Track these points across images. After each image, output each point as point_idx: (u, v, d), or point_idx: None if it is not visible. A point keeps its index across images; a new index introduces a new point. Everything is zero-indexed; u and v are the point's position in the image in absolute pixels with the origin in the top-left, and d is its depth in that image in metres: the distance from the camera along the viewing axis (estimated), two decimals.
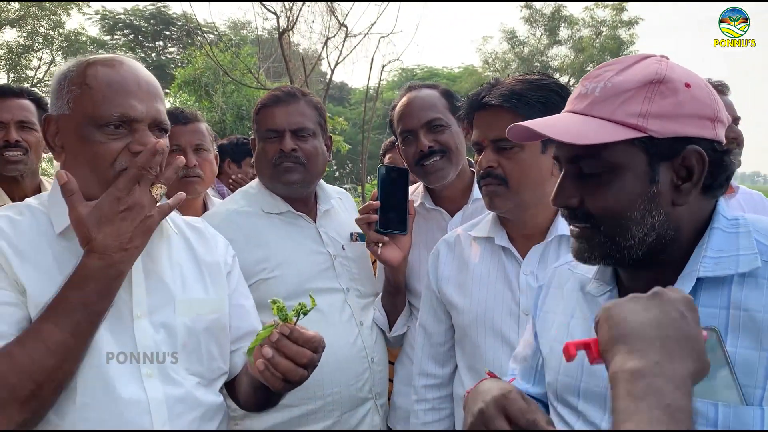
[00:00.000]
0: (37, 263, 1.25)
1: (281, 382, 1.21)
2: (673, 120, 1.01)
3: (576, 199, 1.09)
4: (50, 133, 1.36)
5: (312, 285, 2.00)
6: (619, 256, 1.08)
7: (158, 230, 1.43)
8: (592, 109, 1.05)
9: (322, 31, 9.78)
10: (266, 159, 2.07)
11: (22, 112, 2.55)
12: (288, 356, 1.19)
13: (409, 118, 2.14)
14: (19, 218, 1.31)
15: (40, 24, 25.47)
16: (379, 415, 2.14)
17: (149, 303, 1.34)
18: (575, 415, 1.18)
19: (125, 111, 1.30)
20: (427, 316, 1.95)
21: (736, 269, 1.01)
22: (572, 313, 1.26)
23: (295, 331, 1.20)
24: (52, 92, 1.37)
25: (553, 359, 1.26)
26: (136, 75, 1.35)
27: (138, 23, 32.02)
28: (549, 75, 1.80)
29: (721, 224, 1.07)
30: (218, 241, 1.60)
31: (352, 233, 2.22)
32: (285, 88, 2.17)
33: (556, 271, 1.38)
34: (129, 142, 1.30)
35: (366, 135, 9.63)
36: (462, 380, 1.83)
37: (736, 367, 0.95)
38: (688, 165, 1.03)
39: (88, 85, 1.31)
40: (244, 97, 16.27)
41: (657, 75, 1.03)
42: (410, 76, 32.83)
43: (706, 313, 1.00)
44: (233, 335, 1.52)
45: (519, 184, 1.68)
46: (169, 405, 1.30)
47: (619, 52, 29.37)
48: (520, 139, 1.16)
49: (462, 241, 1.89)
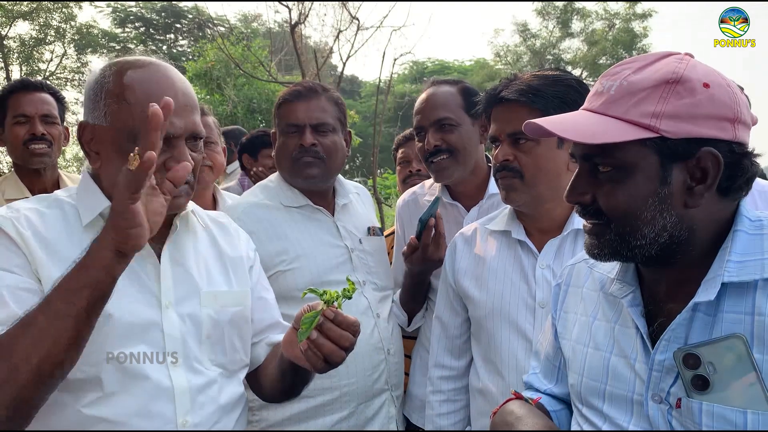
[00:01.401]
0: (61, 255, 1.27)
1: (323, 363, 1.24)
2: (687, 121, 0.99)
3: (588, 196, 1.09)
4: (85, 139, 1.38)
5: (329, 277, 2.02)
6: (630, 255, 1.07)
7: (185, 224, 1.47)
8: (607, 108, 1.05)
9: (334, 24, 9.75)
10: (286, 153, 2.10)
11: (45, 105, 2.60)
12: (331, 339, 1.22)
13: (421, 116, 2.20)
14: (47, 211, 1.34)
15: (52, 17, 25.55)
16: (395, 406, 2.17)
17: (176, 294, 1.37)
18: (601, 418, 1.17)
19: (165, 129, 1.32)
20: (443, 308, 1.97)
21: (762, 274, 0.98)
22: (595, 314, 1.25)
23: (339, 315, 1.23)
24: (87, 100, 1.37)
25: (576, 361, 1.25)
26: (174, 88, 1.35)
27: (149, 16, 32.10)
28: (566, 70, 1.81)
29: (744, 226, 1.05)
30: (241, 235, 1.64)
31: (370, 227, 2.25)
32: (306, 84, 2.19)
33: (573, 268, 1.37)
34: (167, 158, 1.31)
35: (377, 128, 9.59)
36: (478, 372, 1.85)
37: (763, 374, 0.94)
38: (702, 166, 1.01)
39: (126, 100, 1.31)
40: (255, 90, 16.27)
41: (674, 74, 1.01)
42: (421, 69, 32.72)
43: (730, 319, 0.99)
44: (255, 328, 1.55)
45: (534, 178, 1.70)
46: (192, 394, 1.33)
47: (632, 45, 29.11)
48: (536, 134, 1.16)
49: (479, 235, 1.91)
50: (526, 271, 1.76)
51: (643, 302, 1.14)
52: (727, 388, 0.97)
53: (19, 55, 25.59)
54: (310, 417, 2.00)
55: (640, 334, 1.10)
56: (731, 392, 0.97)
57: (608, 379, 1.16)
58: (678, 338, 1.04)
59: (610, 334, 1.18)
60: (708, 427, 0.99)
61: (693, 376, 1.00)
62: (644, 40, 29.82)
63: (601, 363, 1.18)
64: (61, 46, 26.83)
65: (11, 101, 2.59)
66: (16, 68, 25.99)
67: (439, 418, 1.93)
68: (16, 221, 1.28)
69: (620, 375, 1.13)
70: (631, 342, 1.13)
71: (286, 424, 1.98)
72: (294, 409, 1.98)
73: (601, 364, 1.18)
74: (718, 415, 0.98)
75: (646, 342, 1.09)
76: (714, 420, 0.98)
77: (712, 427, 0.98)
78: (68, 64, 27.67)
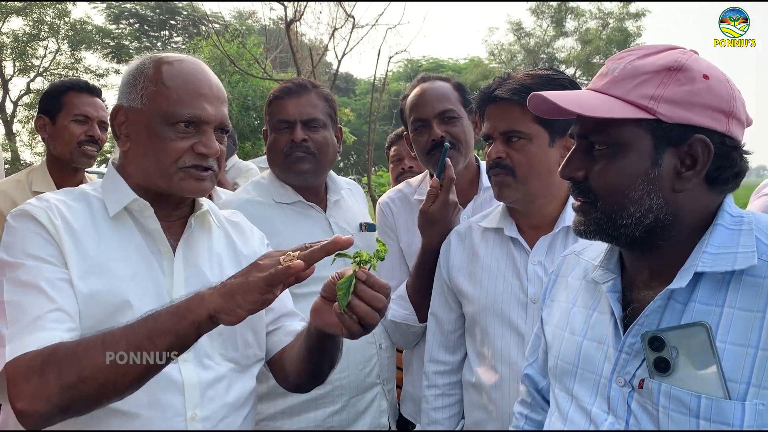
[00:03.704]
0: (85, 248, 1.31)
1: (358, 326, 1.22)
2: (684, 107, 1.03)
3: (582, 173, 1.13)
4: (118, 122, 1.43)
5: (322, 273, 2.01)
6: (615, 234, 1.11)
7: (200, 223, 1.50)
8: (610, 88, 1.09)
9: (329, 22, 9.77)
10: (278, 149, 2.10)
11: (103, 112, 2.69)
12: (365, 300, 1.21)
13: (423, 108, 2.17)
14: (74, 204, 1.38)
15: (45, 13, 25.46)
16: (386, 400, 2.18)
17: (187, 291, 1.38)
18: (569, 399, 1.23)
19: (198, 112, 1.37)
20: (438, 304, 1.98)
21: (733, 266, 1.02)
22: (574, 301, 1.30)
23: (371, 276, 1.22)
24: (125, 84, 1.44)
25: (555, 345, 1.30)
26: (208, 79, 1.43)
27: (144, 12, 31.98)
28: (559, 70, 1.84)
29: (725, 221, 1.08)
30: (254, 233, 1.67)
31: (362, 223, 2.25)
32: (296, 80, 2.20)
33: (564, 259, 1.41)
34: (195, 142, 1.38)
35: (372, 126, 9.62)
36: (471, 367, 1.86)
37: (724, 362, 0.98)
38: (693, 153, 1.05)
39: (164, 84, 1.38)
40: (250, 88, 16.29)
41: (677, 63, 1.05)
42: (416, 67, 32.74)
43: (701, 309, 1.03)
44: (270, 317, 1.57)
45: (526, 175, 1.72)
46: (202, 388, 1.35)
47: (625, 44, 29.21)
48: (540, 112, 1.19)
49: (473, 232, 1.93)
50: (519, 267, 1.78)
51: (622, 290, 1.19)
52: (687, 373, 1.02)
53: (12, 51, 25.49)
54: (302, 410, 2.01)
55: (614, 319, 1.15)
56: (690, 377, 1.01)
57: (579, 362, 1.21)
58: (651, 324, 1.08)
59: (587, 320, 1.24)
60: (664, 408, 1.03)
61: (656, 358, 1.04)
62: (638, 39, 29.96)
63: (575, 346, 1.24)
64: (55, 42, 26.76)
65: (72, 98, 2.62)
66: (9, 64, 25.90)
67: (435, 412, 1.95)
68: (48, 210, 1.31)
69: (591, 358, 1.19)
70: (605, 327, 1.18)
71: (279, 418, 1.99)
72: (287, 402, 1.99)
73: (574, 347, 1.24)
74: (675, 397, 1.02)
75: (618, 326, 1.14)
76: (670, 401, 1.03)
77: (668, 407, 1.03)
78: (62, 60, 27.59)
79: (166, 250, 1.41)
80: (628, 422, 1.09)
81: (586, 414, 1.17)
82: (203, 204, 1.51)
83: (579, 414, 1.19)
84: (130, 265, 1.34)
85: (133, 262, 1.35)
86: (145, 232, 1.40)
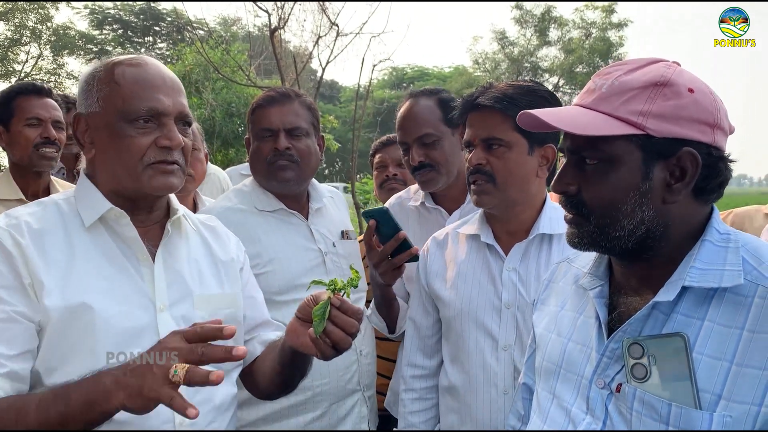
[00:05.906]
0: (60, 258, 1.30)
1: (331, 350, 1.27)
2: (672, 121, 1.06)
3: (574, 187, 1.16)
4: (80, 131, 1.43)
5: (303, 281, 2.05)
6: (609, 246, 1.14)
7: (177, 228, 1.50)
8: (598, 104, 1.11)
9: (313, 30, 9.79)
10: (261, 157, 2.12)
11: (55, 111, 2.65)
12: (339, 326, 1.25)
13: (404, 132, 2.26)
14: (47, 214, 1.37)
15: (27, 17, 25.22)
16: (366, 406, 2.20)
17: (170, 297, 1.40)
18: (550, 398, 1.27)
19: (153, 105, 1.37)
20: (416, 309, 2.02)
21: (720, 283, 1.04)
22: (563, 305, 1.34)
23: (345, 302, 1.27)
24: (81, 92, 1.43)
25: (542, 345, 1.35)
26: (160, 71, 1.43)
27: (127, 18, 31.85)
28: (540, 83, 1.90)
29: (713, 237, 1.10)
30: (231, 238, 1.67)
31: (343, 231, 2.28)
32: (280, 89, 2.23)
33: (557, 267, 1.45)
34: (157, 136, 1.37)
35: (356, 133, 9.65)
36: (446, 371, 1.90)
37: (699, 373, 1.02)
38: (682, 165, 1.07)
39: (117, 83, 1.38)
40: (234, 94, 16.24)
41: (662, 78, 1.08)
42: (401, 75, 32.85)
43: (683, 321, 1.06)
44: (247, 325, 1.59)
45: (505, 182, 1.76)
46: (188, 395, 1.35)
47: (608, 53, 29.54)
48: (530, 127, 1.21)
49: (450, 238, 1.97)
50: (494, 273, 1.82)
51: (609, 295, 1.22)
52: (661, 380, 1.05)
53: None
54: (283, 416, 2.02)
55: (599, 323, 1.19)
56: (663, 384, 1.05)
57: (563, 362, 1.25)
58: (634, 331, 1.11)
59: (573, 323, 1.27)
60: (637, 412, 1.07)
61: (634, 364, 1.08)
62: (620, 49, 30.31)
63: (560, 348, 1.28)
64: (37, 48, 26.49)
65: (21, 103, 2.59)
66: None
67: (411, 416, 1.97)
68: (15, 230, 1.30)
69: (574, 359, 1.23)
70: (590, 330, 1.21)
71: (260, 424, 2.01)
72: (267, 408, 2.00)
73: (559, 348, 1.28)
74: (647, 403, 1.06)
75: (602, 330, 1.17)
76: (643, 406, 1.07)
77: (641, 412, 1.07)
78: (44, 66, 27.31)
79: (145, 257, 1.40)
80: (605, 423, 1.13)
81: (565, 413, 1.20)
82: (178, 209, 1.51)
83: (559, 413, 1.22)
84: (107, 277, 1.34)
85: (110, 273, 1.34)
86: (121, 241, 1.39)
